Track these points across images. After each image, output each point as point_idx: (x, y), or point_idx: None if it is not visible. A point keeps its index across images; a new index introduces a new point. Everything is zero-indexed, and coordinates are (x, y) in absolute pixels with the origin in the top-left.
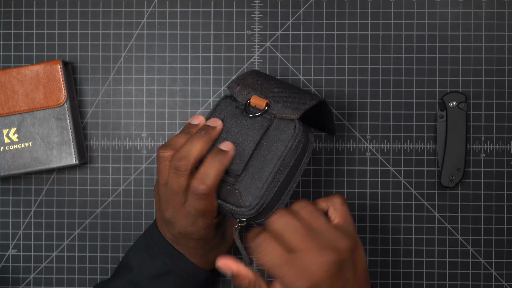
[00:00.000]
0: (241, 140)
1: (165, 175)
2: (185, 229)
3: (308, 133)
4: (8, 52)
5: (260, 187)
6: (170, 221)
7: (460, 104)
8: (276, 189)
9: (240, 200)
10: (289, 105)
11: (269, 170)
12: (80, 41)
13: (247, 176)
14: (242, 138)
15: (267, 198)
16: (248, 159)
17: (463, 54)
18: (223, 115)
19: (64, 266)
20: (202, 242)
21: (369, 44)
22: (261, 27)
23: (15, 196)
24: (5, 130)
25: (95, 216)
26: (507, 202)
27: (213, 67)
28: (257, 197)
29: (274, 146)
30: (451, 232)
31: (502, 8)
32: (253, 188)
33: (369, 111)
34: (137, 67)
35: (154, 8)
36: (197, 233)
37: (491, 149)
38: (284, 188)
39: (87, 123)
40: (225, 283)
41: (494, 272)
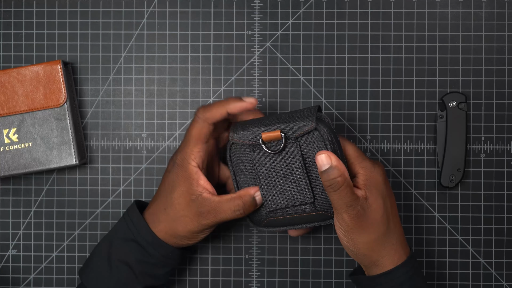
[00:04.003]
0: (288, 176)
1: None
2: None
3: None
4: (8, 52)
5: None
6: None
7: (460, 104)
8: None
9: (327, 214)
10: (298, 120)
11: None
12: (80, 41)
13: (319, 196)
14: (287, 174)
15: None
16: (310, 186)
17: (463, 54)
18: (244, 164)
19: (64, 266)
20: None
21: (369, 44)
22: (261, 27)
23: (15, 196)
24: (5, 131)
25: (95, 216)
26: (507, 202)
27: (213, 67)
28: None
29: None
30: (451, 232)
31: (502, 8)
32: (328, 199)
33: (369, 111)
34: (137, 67)
35: (154, 8)
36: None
37: (491, 149)
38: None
39: (87, 123)
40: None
41: (494, 272)
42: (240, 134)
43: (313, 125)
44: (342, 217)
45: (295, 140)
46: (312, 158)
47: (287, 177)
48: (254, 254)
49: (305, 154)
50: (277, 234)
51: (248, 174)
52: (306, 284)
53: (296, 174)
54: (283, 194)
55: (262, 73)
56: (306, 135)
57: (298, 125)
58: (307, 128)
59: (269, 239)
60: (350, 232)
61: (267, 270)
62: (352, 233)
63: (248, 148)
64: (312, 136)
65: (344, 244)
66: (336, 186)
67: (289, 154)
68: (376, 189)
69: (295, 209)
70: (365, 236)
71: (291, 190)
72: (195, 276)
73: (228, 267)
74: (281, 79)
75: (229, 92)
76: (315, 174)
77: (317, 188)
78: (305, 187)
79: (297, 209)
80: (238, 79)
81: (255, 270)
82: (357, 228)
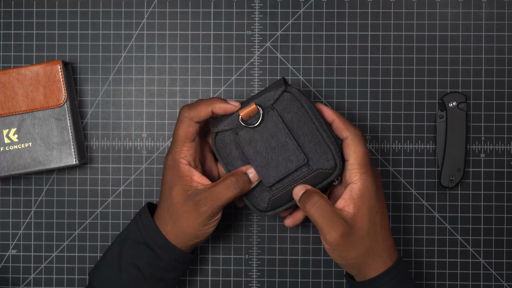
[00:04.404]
0: (276, 146)
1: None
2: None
3: (294, 87)
4: (8, 52)
5: (326, 149)
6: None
7: (460, 104)
8: (332, 137)
9: (326, 171)
10: (268, 91)
11: (316, 132)
12: (80, 42)
13: (312, 155)
14: (273, 140)
15: (337, 146)
16: (299, 147)
17: (463, 54)
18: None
19: (64, 266)
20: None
21: (369, 44)
22: (261, 27)
23: (15, 196)
24: (5, 131)
25: (95, 216)
26: (507, 202)
27: (213, 67)
28: (332, 155)
29: (298, 118)
30: (451, 232)
31: (502, 8)
32: (323, 154)
33: (369, 111)
34: (137, 67)
35: (154, 8)
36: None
37: (491, 149)
38: (334, 135)
39: (87, 124)
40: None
41: (494, 272)
42: (220, 124)
43: (282, 88)
44: (330, 234)
45: (272, 108)
46: (293, 120)
47: (275, 147)
48: (254, 254)
49: (286, 118)
50: (277, 234)
51: (238, 161)
52: (306, 284)
53: (282, 140)
54: (277, 166)
55: (262, 73)
56: (280, 99)
57: (269, 94)
58: (278, 92)
59: (269, 239)
60: (339, 249)
61: (267, 270)
62: (341, 250)
63: (231, 134)
64: (285, 98)
65: (335, 261)
66: (313, 201)
67: (269, 122)
68: (366, 204)
69: (294, 177)
70: (353, 252)
71: (283, 158)
72: (195, 276)
73: (228, 267)
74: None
75: (229, 92)
76: (303, 135)
77: (307, 148)
78: (295, 149)
79: (295, 176)
80: (238, 79)
81: (255, 270)
82: (345, 244)
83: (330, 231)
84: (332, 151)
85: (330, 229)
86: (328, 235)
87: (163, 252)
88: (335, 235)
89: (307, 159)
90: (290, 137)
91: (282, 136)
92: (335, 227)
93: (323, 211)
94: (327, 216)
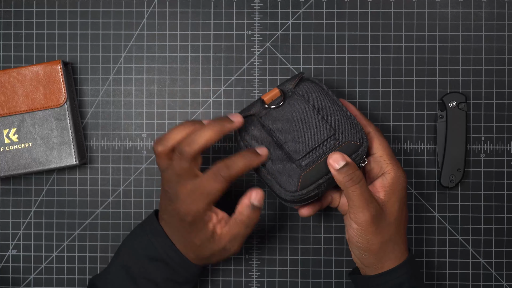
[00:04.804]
0: (301, 120)
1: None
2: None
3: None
4: (8, 52)
5: (351, 122)
6: (172, 198)
7: (460, 104)
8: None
9: (354, 143)
10: (288, 80)
11: (340, 109)
12: (80, 42)
13: (339, 127)
14: (298, 117)
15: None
16: (324, 120)
17: (463, 54)
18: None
19: (64, 266)
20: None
21: (369, 44)
22: (261, 27)
23: (15, 196)
24: (5, 131)
25: (95, 217)
26: (507, 202)
27: (213, 67)
28: (359, 130)
29: (322, 99)
30: (451, 232)
31: (502, 8)
32: (349, 128)
33: (369, 111)
34: (137, 67)
35: (154, 8)
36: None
37: (491, 149)
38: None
39: (87, 124)
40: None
41: (494, 272)
42: (243, 111)
43: (301, 75)
44: (363, 214)
45: (293, 91)
46: (316, 100)
47: (301, 123)
48: (254, 254)
49: (309, 99)
50: (277, 234)
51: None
52: (306, 284)
53: (307, 116)
54: (304, 139)
55: (262, 73)
56: (300, 84)
57: (289, 81)
58: (297, 79)
59: (269, 239)
60: (368, 231)
61: (267, 270)
62: (369, 232)
63: (255, 120)
64: (305, 84)
65: (356, 244)
66: (357, 178)
67: (293, 102)
68: (397, 193)
69: (323, 150)
70: (379, 236)
71: (310, 132)
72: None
73: (228, 267)
74: (281, 79)
75: (229, 92)
76: (327, 112)
77: (334, 122)
78: (321, 123)
79: (325, 149)
80: (238, 79)
81: (255, 270)
82: (375, 228)
83: (365, 211)
84: (358, 126)
85: (365, 209)
86: (362, 214)
87: (181, 268)
88: (369, 215)
89: (335, 131)
90: (314, 112)
91: (307, 113)
92: (370, 208)
93: (363, 190)
94: (365, 195)
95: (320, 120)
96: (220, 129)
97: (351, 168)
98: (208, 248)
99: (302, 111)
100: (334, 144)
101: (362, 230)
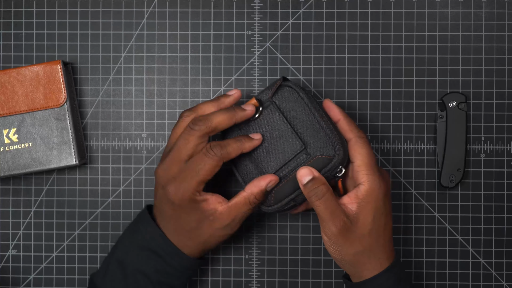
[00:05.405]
0: (276, 136)
1: (178, 133)
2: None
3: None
4: (8, 52)
5: (325, 136)
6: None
7: (460, 104)
8: (332, 126)
9: (325, 157)
10: (267, 88)
11: (315, 121)
12: (80, 42)
13: (310, 141)
14: (272, 130)
15: (335, 136)
16: (296, 134)
17: (463, 54)
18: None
19: (64, 266)
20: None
21: (369, 44)
22: (261, 27)
23: (15, 196)
24: (5, 131)
25: (95, 217)
26: (507, 202)
27: (213, 67)
28: (332, 143)
29: (296, 109)
30: (451, 232)
31: (502, 8)
32: (321, 141)
33: (369, 111)
34: (137, 67)
35: (154, 8)
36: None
37: (491, 149)
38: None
39: (87, 124)
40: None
41: (494, 272)
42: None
43: (280, 81)
44: (329, 228)
45: (271, 101)
46: (291, 110)
47: (274, 137)
48: (254, 254)
49: (284, 109)
50: (277, 234)
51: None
52: (306, 284)
53: (281, 129)
54: (276, 154)
55: (262, 73)
56: (278, 92)
57: (268, 89)
58: (276, 86)
59: (269, 239)
60: (337, 243)
61: (267, 270)
62: (338, 245)
63: (235, 130)
64: (283, 91)
65: (332, 255)
66: (320, 193)
67: (268, 113)
68: (371, 205)
69: (294, 165)
70: (350, 248)
71: (282, 146)
72: (195, 276)
73: (228, 267)
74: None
75: None
76: (301, 124)
77: (306, 136)
78: (293, 137)
79: (296, 164)
80: (238, 79)
81: (255, 270)
82: (344, 239)
83: (330, 225)
84: (330, 138)
85: (330, 222)
86: (327, 228)
87: (171, 258)
88: (335, 229)
89: (305, 146)
90: (287, 126)
91: (281, 126)
92: (336, 222)
93: (327, 204)
94: (330, 209)
95: (292, 134)
96: (233, 115)
97: (315, 183)
98: (207, 228)
99: (276, 124)
100: (305, 158)
101: (331, 242)
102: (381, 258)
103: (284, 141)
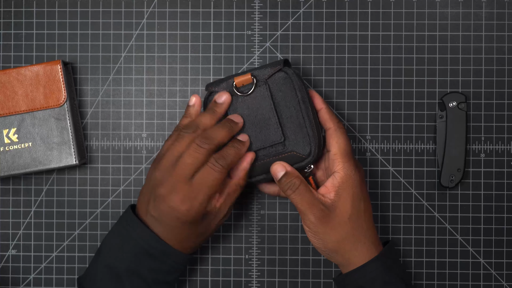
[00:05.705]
0: (259, 114)
1: (180, 150)
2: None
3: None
4: (8, 52)
5: (305, 134)
6: (164, 196)
7: (460, 104)
8: (315, 125)
9: (299, 155)
10: (267, 67)
11: (300, 116)
12: (80, 41)
13: (290, 136)
14: (258, 112)
15: (316, 137)
16: (279, 124)
17: (463, 54)
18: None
19: (64, 266)
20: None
21: (369, 44)
22: (261, 27)
23: (15, 196)
24: (5, 131)
25: (95, 217)
26: (507, 202)
27: (213, 67)
28: (310, 143)
29: (287, 98)
30: (451, 232)
31: (502, 8)
32: (301, 139)
33: (369, 111)
34: (137, 67)
35: (154, 8)
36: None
37: (491, 149)
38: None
39: (87, 124)
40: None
41: (494, 272)
42: (215, 86)
43: (280, 67)
44: (308, 218)
45: (265, 82)
46: (282, 99)
47: (258, 120)
48: (254, 254)
49: (275, 95)
50: (277, 234)
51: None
52: (306, 284)
53: (266, 114)
54: (256, 137)
55: None
56: (275, 76)
57: (267, 69)
58: (275, 69)
59: (269, 239)
60: (319, 232)
61: (267, 270)
62: (321, 234)
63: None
64: (279, 76)
65: (316, 245)
66: (294, 186)
67: (260, 94)
68: (348, 191)
69: (269, 152)
70: (333, 235)
71: (263, 131)
72: (195, 276)
73: (228, 267)
74: None
75: None
76: (287, 115)
77: (288, 129)
78: (275, 126)
79: (271, 152)
80: None
81: (255, 270)
82: (324, 227)
83: (308, 214)
84: (310, 138)
85: (308, 212)
86: (306, 219)
87: (166, 257)
88: (313, 218)
89: (284, 138)
90: (274, 113)
91: (267, 111)
92: (314, 211)
93: (302, 195)
94: (306, 199)
95: (275, 124)
96: (232, 131)
97: (289, 177)
98: (211, 227)
99: (264, 109)
100: (280, 150)
101: (312, 231)
102: (366, 243)
103: (267, 128)
